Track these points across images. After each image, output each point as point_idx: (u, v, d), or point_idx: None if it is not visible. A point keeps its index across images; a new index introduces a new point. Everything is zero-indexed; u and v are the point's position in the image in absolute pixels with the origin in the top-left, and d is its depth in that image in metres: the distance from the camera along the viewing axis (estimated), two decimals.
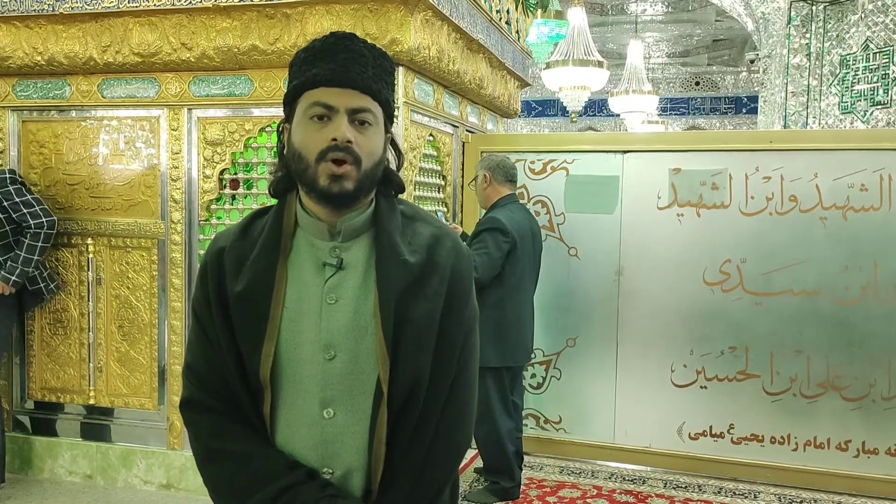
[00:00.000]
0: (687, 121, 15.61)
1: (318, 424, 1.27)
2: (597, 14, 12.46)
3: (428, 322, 1.27)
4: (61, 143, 3.87)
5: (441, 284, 1.29)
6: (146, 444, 3.80)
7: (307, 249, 1.31)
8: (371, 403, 1.26)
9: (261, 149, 3.63)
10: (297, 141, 1.28)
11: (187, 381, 1.36)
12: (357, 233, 1.31)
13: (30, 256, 3.57)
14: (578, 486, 3.90)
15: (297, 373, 1.28)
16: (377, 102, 1.29)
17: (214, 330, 1.30)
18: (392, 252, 1.27)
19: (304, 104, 1.27)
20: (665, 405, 4.08)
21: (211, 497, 1.33)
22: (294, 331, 1.28)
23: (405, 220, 1.34)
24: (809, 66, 7.03)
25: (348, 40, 1.29)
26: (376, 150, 1.29)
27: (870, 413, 3.78)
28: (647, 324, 4.10)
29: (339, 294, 1.28)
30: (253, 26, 3.40)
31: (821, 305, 3.83)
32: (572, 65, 8.23)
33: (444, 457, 1.31)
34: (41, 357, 3.96)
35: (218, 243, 1.36)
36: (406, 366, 1.25)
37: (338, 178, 1.24)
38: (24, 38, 3.68)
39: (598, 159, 4.18)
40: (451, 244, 1.34)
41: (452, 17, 3.56)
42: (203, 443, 1.32)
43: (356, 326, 1.27)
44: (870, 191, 3.75)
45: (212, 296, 1.31)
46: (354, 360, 1.26)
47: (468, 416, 1.35)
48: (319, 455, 1.27)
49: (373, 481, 1.27)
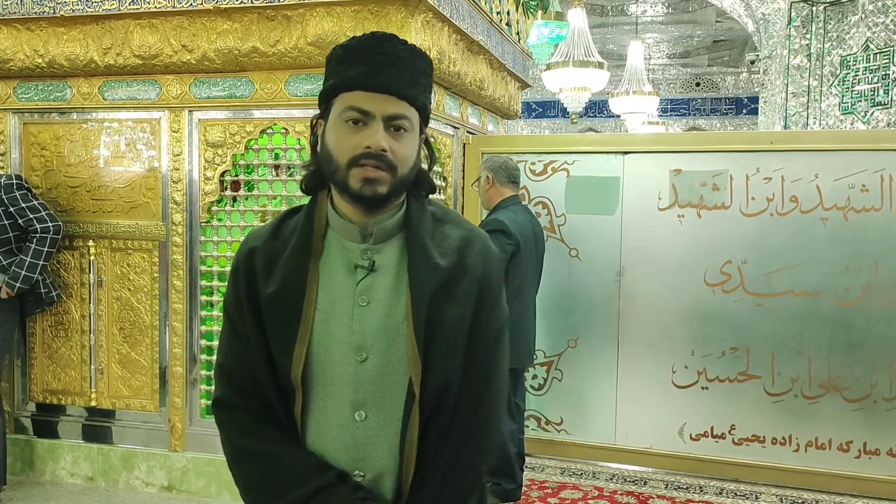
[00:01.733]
0: (687, 122, 15.61)
1: (350, 427, 1.27)
2: (597, 15, 12.46)
3: (459, 325, 1.27)
4: (62, 145, 3.87)
5: (471, 287, 1.29)
6: (147, 446, 3.80)
7: (338, 251, 1.31)
8: (402, 406, 1.26)
9: (262, 150, 3.63)
10: (330, 142, 1.27)
11: (219, 381, 1.36)
12: (388, 235, 1.31)
13: (35, 261, 3.57)
14: (580, 488, 3.90)
15: (329, 375, 1.27)
16: (413, 108, 1.27)
17: (245, 330, 1.30)
18: (423, 255, 1.27)
19: (339, 106, 1.25)
20: (666, 406, 4.08)
21: (243, 498, 1.33)
22: (326, 332, 1.27)
23: (435, 221, 1.34)
24: (810, 67, 7.03)
25: (387, 42, 1.27)
26: (411, 155, 1.28)
27: (871, 414, 3.78)
28: (648, 325, 4.09)
29: (371, 296, 1.28)
30: (253, 28, 3.40)
31: (822, 306, 3.83)
32: (573, 66, 8.24)
33: (474, 459, 1.31)
34: (42, 359, 3.96)
35: (249, 243, 1.35)
36: (437, 368, 1.25)
37: (371, 181, 1.23)
38: (25, 41, 3.69)
39: (598, 160, 4.18)
40: (480, 247, 1.33)
41: (453, 19, 3.57)
42: (234, 443, 1.32)
43: (388, 328, 1.26)
44: (870, 191, 3.75)
45: (243, 297, 1.30)
46: (386, 363, 1.26)
47: (498, 418, 1.35)
48: (350, 457, 1.27)
49: (403, 484, 1.27)
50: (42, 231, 3.58)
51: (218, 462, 3.67)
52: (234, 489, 3.84)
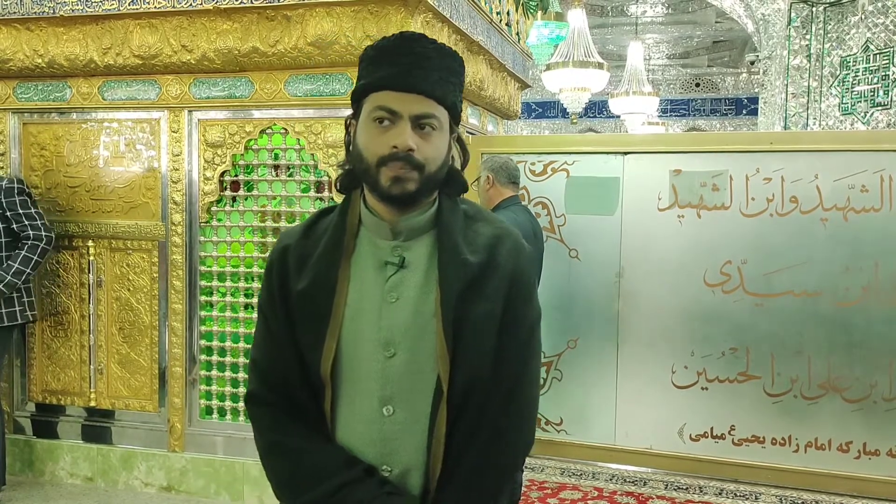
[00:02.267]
0: (687, 122, 15.61)
1: (378, 422, 1.28)
2: (597, 16, 12.47)
3: (488, 322, 1.27)
4: (62, 145, 3.87)
5: (501, 284, 1.29)
6: (147, 447, 3.80)
7: (369, 248, 1.32)
8: (430, 402, 1.27)
9: (261, 150, 3.63)
10: (360, 141, 1.28)
11: (252, 376, 1.39)
12: (419, 232, 1.32)
13: (23, 268, 3.54)
14: (579, 488, 3.90)
15: (357, 370, 1.29)
16: (442, 107, 1.28)
17: (278, 327, 1.33)
18: (453, 252, 1.28)
19: (369, 105, 1.27)
20: (666, 406, 4.08)
21: (274, 491, 1.36)
22: (355, 328, 1.29)
23: (467, 220, 1.34)
24: (810, 68, 7.04)
25: (415, 41, 1.27)
26: (439, 154, 1.28)
27: (871, 414, 3.78)
28: (647, 325, 4.09)
29: (400, 292, 1.29)
30: (253, 28, 3.40)
31: (821, 306, 3.83)
32: (572, 66, 8.24)
33: (503, 458, 1.31)
34: (42, 359, 3.96)
35: (282, 242, 1.37)
36: (465, 365, 1.25)
37: (399, 180, 1.24)
38: (25, 41, 3.69)
39: (598, 161, 4.18)
40: (511, 244, 1.34)
41: (453, 19, 3.57)
42: (265, 437, 1.35)
43: (416, 325, 1.27)
44: (870, 192, 3.75)
45: (276, 294, 1.33)
46: (414, 359, 1.27)
47: (529, 416, 1.35)
48: (378, 452, 1.29)
49: (431, 480, 1.28)
50: (34, 239, 3.55)
51: (217, 462, 3.66)
52: (232, 489, 3.84)
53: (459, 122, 1.34)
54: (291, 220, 3.60)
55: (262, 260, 3.65)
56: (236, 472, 3.63)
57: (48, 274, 3.92)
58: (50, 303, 3.93)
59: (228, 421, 3.72)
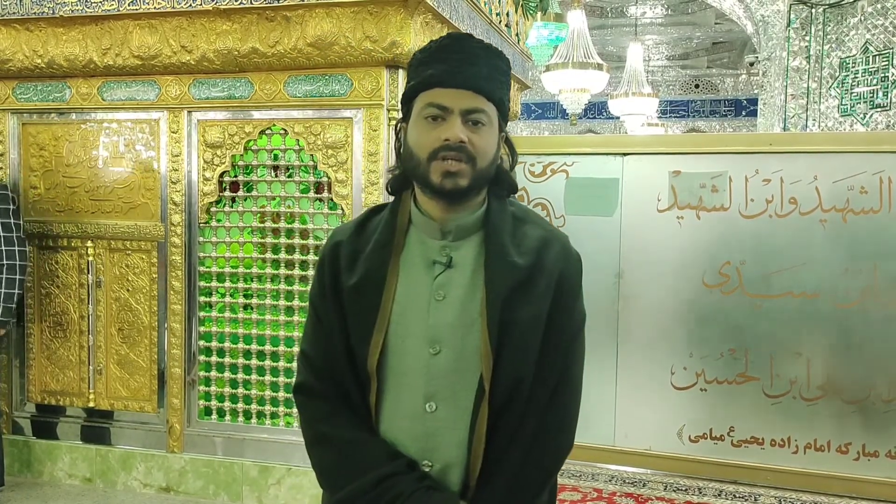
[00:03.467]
0: (687, 123, 15.61)
1: (421, 417, 1.30)
2: (596, 17, 12.47)
3: (533, 324, 1.29)
4: (61, 145, 3.87)
5: (548, 287, 1.31)
6: (146, 447, 3.80)
7: (418, 247, 1.35)
8: (473, 400, 1.28)
9: (260, 151, 3.63)
10: (411, 140, 1.31)
11: (301, 367, 1.41)
12: (467, 232, 1.34)
13: (10, 291, 3.55)
14: (579, 489, 3.89)
15: (403, 365, 1.31)
16: (491, 102, 1.30)
17: (329, 320, 1.35)
18: (501, 253, 1.30)
19: (419, 105, 1.30)
20: (665, 408, 4.08)
21: (318, 480, 1.38)
22: (402, 324, 1.31)
23: (515, 221, 1.36)
24: (809, 69, 7.04)
25: (463, 41, 1.32)
26: (490, 149, 1.31)
27: (870, 416, 3.78)
28: (646, 326, 4.09)
29: (447, 291, 1.31)
30: (253, 29, 3.40)
31: (820, 308, 3.83)
32: (572, 67, 8.23)
33: (544, 458, 1.34)
34: (41, 360, 3.95)
35: (335, 237, 1.41)
36: (509, 365, 1.27)
37: (451, 174, 1.26)
38: (24, 41, 3.69)
39: (597, 162, 4.18)
40: (559, 248, 1.36)
41: (452, 20, 3.57)
42: (312, 427, 1.38)
43: (462, 323, 1.29)
44: (869, 193, 3.75)
45: (327, 288, 1.36)
46: (459, 357, 1.29)
47: (571, 419, 1.38)
48: (420, 447, 1.31)
49: (471, 477, 1.30)
50: (8, 269, 3.54)
51: (216, 463, 3.66)
52: (231, 490, 3.84)
53: (508, 120, 1.37)
54: (291, 221, 3.60)
55: (262, 261, 3.65)
56: (235, 473, 3.63)
57: (47, 274, 3.92)
58: (49, 303, 3.92)
59: (227, 422, 3.71)
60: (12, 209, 3.62)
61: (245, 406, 3.69)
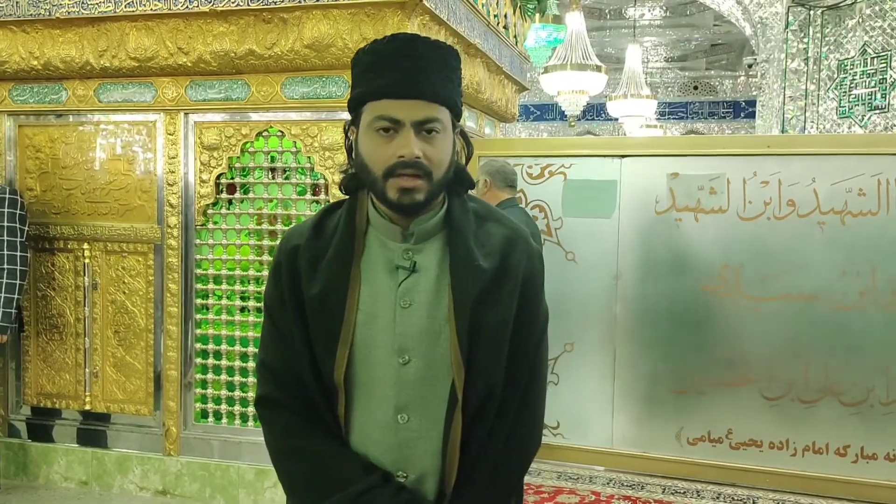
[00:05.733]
0: (685, 125, 15.62)
1: (393, 428, 1.28)
2: (595, 18, 12.48)
3: (502, 328, 1.27)
4: (58, 147, 3.86)
5: (514, 289, 1.28)
6: (142, 450, 3.78)
7: (379, 250, 1.31)
8: (445, 408, 1.26)
9: (257, 153, 3.62)
10: (364, 152, 1.26)
11: (262, 378, 1.36)
12: (429, 234, 1.30)
13: (10, 296, 3.54)
14: (576, 492, 3.88)
15: (371, 376, 1.28)
16: (445, 107, 1.25)
17: (289, 328, 1.30)
18: (466, 257, 1.26)
19: (368, 115, 1.24)
20: (663, 410, 4.07)
21: (287, 494, 1.34)
22: (368, 334, 1.27)
23: (478, 220, 1.33)
24: (807, 71, 7.04)
25: (412, 44, 1.24)
26: (445, 157, 1.26)
27: (868, 418, 3.77)
28: (644, 328, 4.08)
29: (413, 298, 1.27)
30: (250, 31, 3.39)
31: (819, 310, 3.82)
32: (570, 69, 8.23)
33: (516, 461, 1.32)
34: (37, 362, 3.94)
35: (292, 240, 1.34)
36: (481, 371, 1.24)
37: (408, 190, 1.22)
38: (21, 43, 3.67)
39: (596, 164, 4.17)
40: (523, 246, 1.33)
41: (450, 22, 3.56)
42: (280, 440, 1.33)
43: (430, 331, 1.26)
44: (868, 195, 3.75)
45: (286, 295, 1.30)
46: (429, 366, 1.26)
47: (539, 419, 1.35)
48: (393, 459, 1.28)
49: (446, 485, 1.28)
50: (9, 273, 3.53)
51: (212, 466, 3.65)
52: (227, 493, 3.81)
53: (461, 116, 1.32)
54: (288, 223, 3.59)
55: (259, 263, 3.64)
56: (231, 476, 3.61)
57: (43, 277, 3.91)
58: (45, 306, 3.91)
59: (224, 424, 3.70)
60: (18, 214, 3.62)
61: (241, 409, 3.68)
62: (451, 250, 1.27)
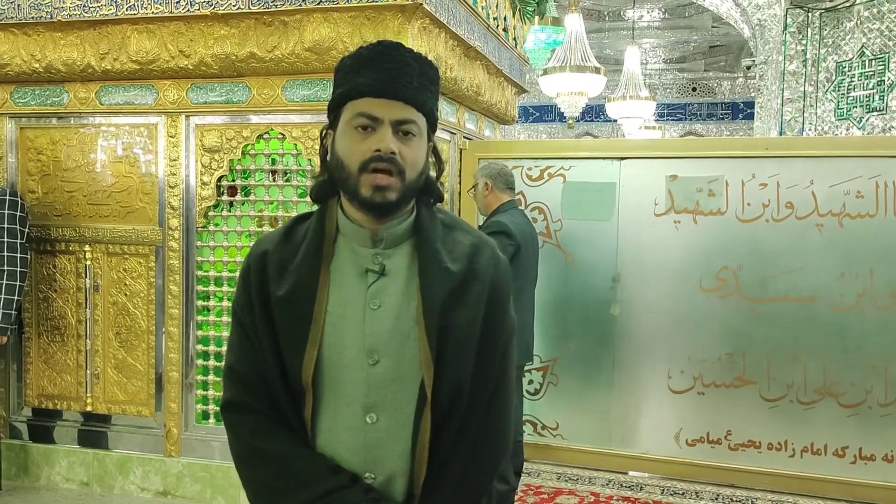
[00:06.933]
0: (684, 126, 15.64)
1: (361, 429, 1.28)
2: (594, 20, 12.50)
3: (470, 328, 1.29)
4: (59, 149, 3.87)
5: (482, 292, 1.31)
6: (143, 452, 3.79)
7: (349, 256, 1.33)
8: (414, 409, 1.27)
9: (258, 156, 3.63)
10: (340, 150, 1.29)
11: (229, 383, 1.36)
12: (399, 240, 1.33)
13: (10, 297, 3.56)
14: (576, 493, 3.90)
15: (340, 377, 1.29)
16: (421, 113, 1.29)
17: (256, 333, 1.31)
18: (434, 260, 1.29)
19: (348, 113, 1.28)
20: (662, 411, 4.08)
21: (249, 500, 1.34)
22: (336, 336, 1.29)
23: (445, 229, 1.36)
24: (805, 73, 7.06)
25: (395, 50, 1.29)
26: (419, 160, 1.30)
27: (866, 419, 3.79)
28: (644, 330, 4.10)
29: (382, 300, 1.29)
30: (251, 34, 3.40)
31: (817, 312, 3.84)
32: (569, 71, 8.24)
33: (485, 462, 1.32)
34: (38, 364, 3.95)
35: (261, 247, 1.36)
36: (449, 371, 1.26)
37: (381, 188, 1.25)
38: (22, 46, 3.69)
39: (595, 166, 4.19)
40: (490, 253, 1.35)
41: (450, 25, 3.58)
42: (245, 444, 1.33)
43: (399, 332, 1.28)
44: (866, 197, 3.77)
45: (254, 299, 1.31)
46: (398, 366, 1.28)
47: (508, 423, 1.37)
48: (361, 460, 1.28)
49: (415, 486, 1.29)
50: (9, 275, 3.55)
51: (213, 467, 3.66)
52: (228, 494, 3.82)
53: (436, 130, 1.36)
54: None
55: None
56: (232, 478, 3.62)
57: (45, 278, 3.92)
58: (46, 307, 3.92)
59: None
60: (19, 216, 3.63)
61: None
62: (420, 254, 1.30)
